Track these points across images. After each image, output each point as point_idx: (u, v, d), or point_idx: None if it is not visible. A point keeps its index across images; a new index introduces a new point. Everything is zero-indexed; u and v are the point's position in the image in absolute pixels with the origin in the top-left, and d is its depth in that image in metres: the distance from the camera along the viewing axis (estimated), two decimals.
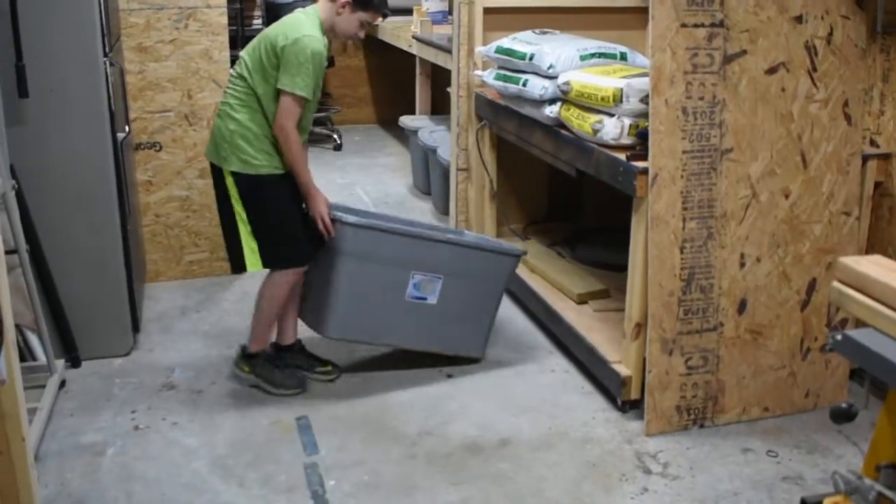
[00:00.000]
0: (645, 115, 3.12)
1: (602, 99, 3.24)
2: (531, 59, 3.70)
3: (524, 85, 3.72)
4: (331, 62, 7.40)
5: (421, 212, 5.64)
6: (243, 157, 3.15)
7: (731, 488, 2.83)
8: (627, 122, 3.19)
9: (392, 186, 6.24)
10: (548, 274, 4.05)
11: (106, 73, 3.38)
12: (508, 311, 4.12)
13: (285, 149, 3.14)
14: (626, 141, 3.20)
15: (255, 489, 2.81)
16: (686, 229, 3.04)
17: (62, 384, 3.37)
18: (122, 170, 3.53)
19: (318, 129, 7.46)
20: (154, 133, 4.28)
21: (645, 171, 3.00)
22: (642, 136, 3.14)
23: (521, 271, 4.13)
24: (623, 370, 3.23)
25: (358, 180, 6.39)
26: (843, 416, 1.83)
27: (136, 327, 3.72)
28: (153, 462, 2.94)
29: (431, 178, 5.72)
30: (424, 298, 3.42)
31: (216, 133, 3.22)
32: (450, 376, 3.53)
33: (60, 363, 3.40)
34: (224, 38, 4.28)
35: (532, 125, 3.81)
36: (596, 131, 3.27)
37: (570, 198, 4.65)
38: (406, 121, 6.19)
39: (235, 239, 3.25)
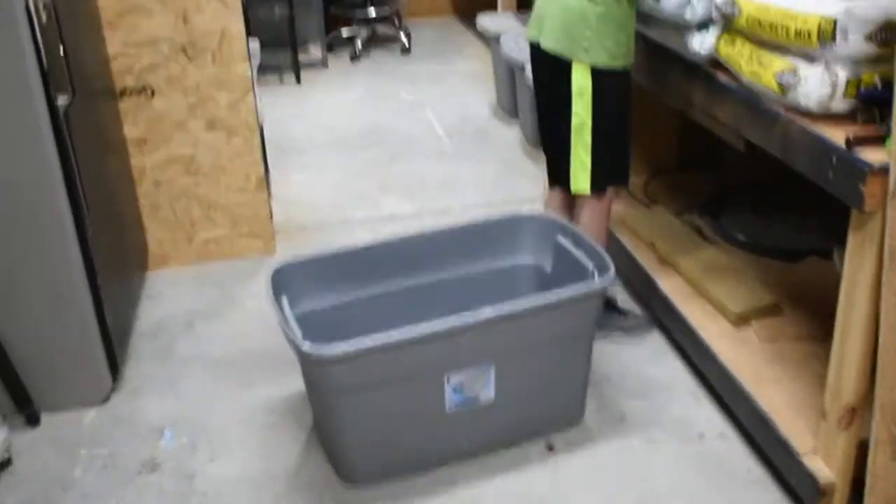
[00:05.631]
0: (873, 61, 1.88)
1: (798, 33, 1.97)
2: None
3: None
4: None
5: (506, 144, 4.45)
6: (609, 46, 2.49)
7: None
8: (843, 74, 1.93)
9: (471, 106, 5.00)
10: (687, 271, 2.84)
11: (29, 10, 2.25)
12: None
13: None
14: (840, 106, 1.95)
15: None
16: None
17: (5, 463, 2.41)
18: (69, 150, 2.44)
19: (381, 29, 6.24)
20: (142, 73, 3.15)
21: (883, 172, 1.77)
22: (868, 99, 1.90)
23: (648, 262, 2.95)
24: (821, 470, 2.07)
25: (429, 98, 5.16)
26: None
27: (114, 366, 2.69)
28: None
29: (519, 99, 4.47)
30: (475, 398, 2.27)
31: (570, 17, 2.50)
32: (550, 449, 2.42)
33: (2, 432, 2.43)
34: None
35: (668, 60, 2.56)
36: (785, 87, 2.01)
37: (709, 141, 3.38)
38: (485, 22, 4.87)
39: (561, 151, 2.68)
